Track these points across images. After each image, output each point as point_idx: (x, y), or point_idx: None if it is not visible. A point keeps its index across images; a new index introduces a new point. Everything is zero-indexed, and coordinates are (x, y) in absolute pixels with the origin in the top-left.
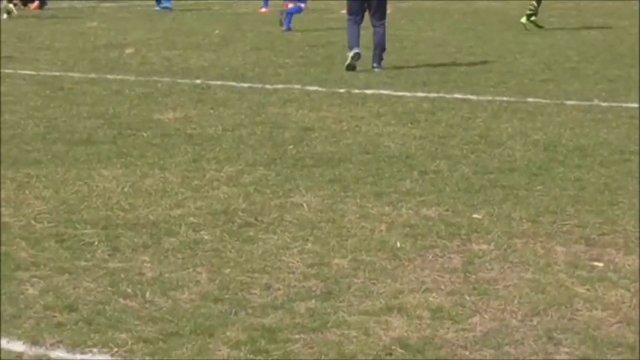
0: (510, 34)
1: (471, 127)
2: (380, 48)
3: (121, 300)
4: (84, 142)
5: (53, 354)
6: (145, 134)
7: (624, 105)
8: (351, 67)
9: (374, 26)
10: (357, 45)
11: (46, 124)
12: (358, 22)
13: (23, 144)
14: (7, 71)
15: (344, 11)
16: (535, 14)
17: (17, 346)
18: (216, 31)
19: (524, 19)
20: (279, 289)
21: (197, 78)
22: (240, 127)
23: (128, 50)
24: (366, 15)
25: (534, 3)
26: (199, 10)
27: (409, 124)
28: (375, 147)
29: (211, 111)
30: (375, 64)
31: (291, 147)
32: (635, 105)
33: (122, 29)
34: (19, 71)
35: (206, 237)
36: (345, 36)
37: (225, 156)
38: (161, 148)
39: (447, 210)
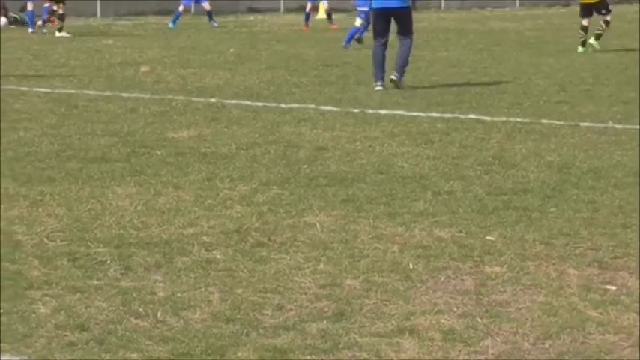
0: (525, 55)
1: (485, 148)
2: (403, 58)
3: (132, 319)
4: (98, 160)
5: None
6: (159, 152)
7: (638, 127)
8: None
9: (400, 40)
10: (382, 78)
11: (61, 141)
12: (384, 45)
13: (37, 161)
14: (22, 89)
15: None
16: (601, 35)
17: None
18: (231, 50)
19: (592, 41)
20: (290, 309)
21: (212, 96)
22: (254, 146)
23: (143, 68)
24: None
25: (602, 24)
26: (213, 29)
27: (423, 145)
28: (389, 167)
29: (225, 130)
30: (395, 74)
31: (305, 166)
32: None
33: (137, 47)
34: (34, 89)
35: (218, 256)
36: (356, 54)
37: (239, 175)
38: (175, 167)
39: (460, 231)
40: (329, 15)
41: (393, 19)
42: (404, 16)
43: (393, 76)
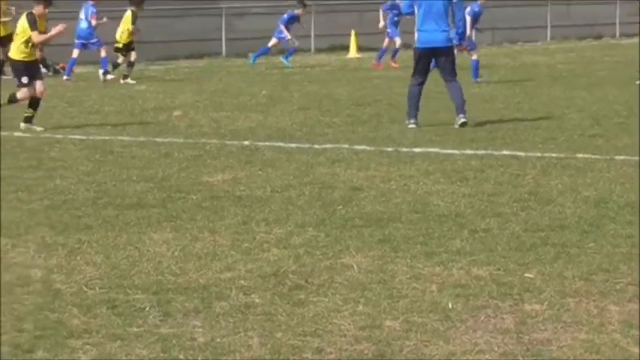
0: (558, 89)
1: (521, 184)
2: (459, 97)
3: None
4: (134, 206)
5: None
6: (194, 197)
7: None
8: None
9: (447, 81)
10: (416, 116)
11: (97, 188)
12: (422, 85)
13: (74, 209)
14: (57, 136)
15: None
16: None
17: None
18: (263, 92)
19: None
20: (330, 352)
21: (245, 139)
22: (288, 188)
23: (176, 113)
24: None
25: None
26: (246, 70)
27: (458, 182)
28: (425, 206)
29: (260, 172)
30: (459, 116)
31: (340, 207)
32: None
33: (170, 92)
34: (69, 136)
35: (257, 300)
36: (388, 92)
37: (275, 217)
38: (211, 211)
39: (499, 269)
40: (394, 52)
41: (435, 60)
42: (447, 54)
43: (462, 120)
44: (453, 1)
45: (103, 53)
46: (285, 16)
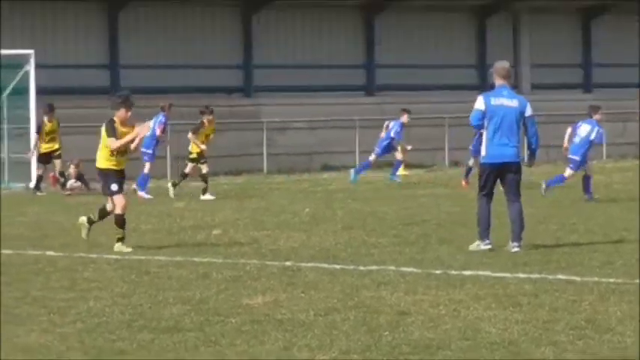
0: (616, 210)
1: (577, 311)
2: (519, 224)
3: None
4: (170, 330)
5: None
6: (233, 320)
7: None
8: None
9: (511, 201)
10: (488, 235)
11: (132, 311)
12: (490, 202)
13: (108, 333)
14: (92, 256)
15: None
16: None
17: None
18: (306, 210)
19: None
20: None
21: (287, 260)
22: (332, 311)
23: (215, 231)
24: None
25: None
26: (288, 188)
27: (510, 308)
28: (476, 332)
29: (302, 295)
30: (514, 243)
31: (387, 333)
32: None
33: (209, 209)
34: (104, 255)
35: None
36: (436, 212)
37: (318, 343)
38: (251, 335)
39: None
40: (468, 171)
41: (500, 178)
42: (516, 171)
43: (515, 249)
44: (526, 115)
45: (147, 169)
46: (397, 127)
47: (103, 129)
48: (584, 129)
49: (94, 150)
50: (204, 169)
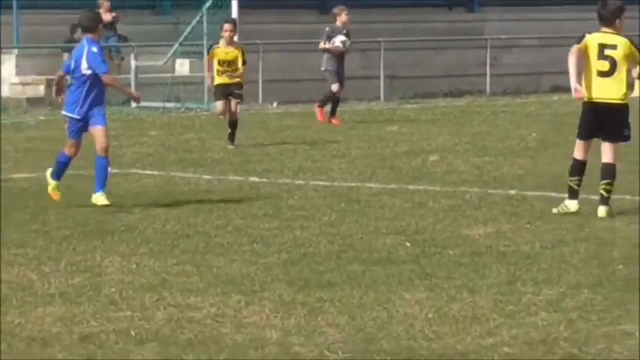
0: None
1: None
2: None
3: None
4: (383, 262)
5: None
6: (451, 252)
7: None
8: None
9: None
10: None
11: (341, 241)
12: None
13: (315, 264)
14: (298, 182)
15: None
16: None
17: None
18: (533, 134)
19: None
20: None
21: (511, 188)
22: (560, 243)
23: (432, 157)
24: None
25: None
26: (513, 111)
27: None
28: None
29: (527, 225)
30: None
31: (621, 267)
32: None
33: (425, 133)
34: (310, 182)
35: None
36: None
37: (544, 277)
38: (470, 269)
39: None
40: None
41: None
42: None
43: None
44: None
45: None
46: None
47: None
48: None
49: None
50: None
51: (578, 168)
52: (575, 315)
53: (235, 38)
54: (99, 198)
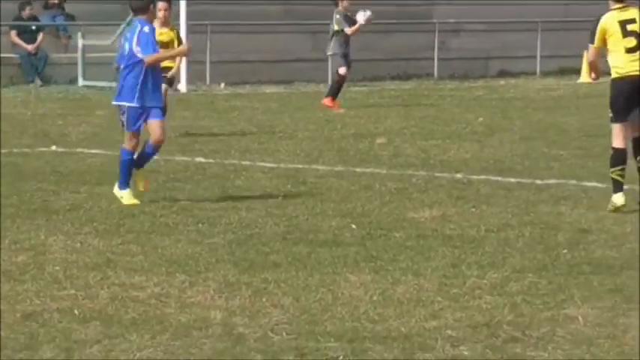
0: None
1: None
2: None
3: None
4: (328, 244)
5: None
6: (397, 235)
7: None
8: None
9: None
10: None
11: (286, 222)
12: None
13: (261, 245)
14: (244, 163)
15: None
16: None
17: None
18: (480, 119)
19: None
20: None
21: (457, 172)
22: (506, 227)
23: (379, 140)
24: None
25: None
26: (460, 95)
27: None
28: None
29: (473, 209)
30: None
31: (565, 251)
32: None
33: (373, 116)
34: (257, 163)
35: (466, 353)
36: None
37: (489, 260)
38: (415, 251)
39: None
40: None
41: None
42: None
43: None
44: None
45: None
46: None
47: None
48: None
49: None
50: None
51: (622, 157)
52: (519, 299)
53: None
54: (122, 193)
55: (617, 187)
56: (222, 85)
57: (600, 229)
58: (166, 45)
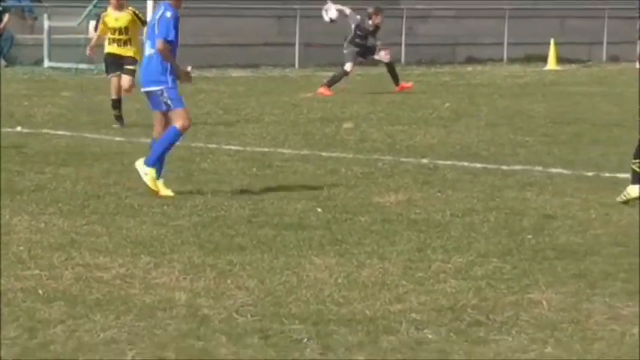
0: None
1: None
2: None
3: None
4: (294, 227)
5: None
6: (362, 219)
7: None
8: None
9: None
10: None
11: (252, 205)
12: None
13: (226, 227)
14: (210, 146)
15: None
16: None
17: None
18: (446, 105)
19: None
20: None
21: (423, 157)
22: (471, 212)
23: (346, 125)
24: None
25: None
26: (427, 81)
27: None
28: (628, 239)
29: (438, 194)
30: None
31: (530, 237)
32: None
33: (340, 101)
34: (223, 146)
35: (430, 336)
36: (591, 110)
37: (454, 245)
38: (381, 235)
39: None
40: None
41: None
42: None
43: None
44: None
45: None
46: None
47: None
48: None
49: None
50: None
51: None
52: (484, 283)
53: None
54: (147, 171)
55: (636, 178)
56: (189, 68)
57: (565, 215)
58: (122, 30)
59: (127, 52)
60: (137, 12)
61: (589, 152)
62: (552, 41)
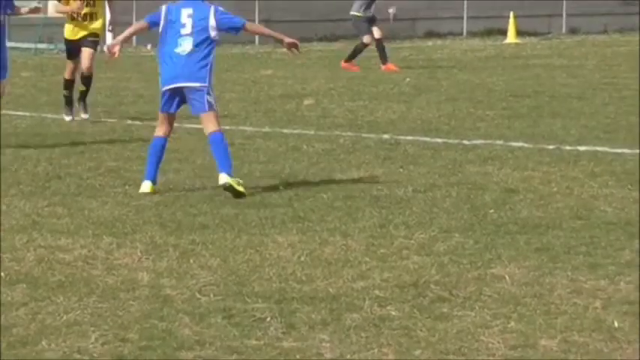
0: None
1: None
2: None
3: None
4: (256, 205)
5: None
6: (324, 196)
7: None
8: None
9: None
10: None
11: (214, 183)
12: None
13: (188, 206)
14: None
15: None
16: None
17: None
18: (407, 80)
19: None
20: None
21: (385, 132)
22: (433, 188)
23: (307, 101)
24: None
25: None
26: (387, 56)
27: (629, 186)
28: (590, 212)
29: (400, 170)
30: None
31: (492, 211)
32: None
33: (300, 77)
34: (184, 125)
35: (393, 313)
36: (549, 83)
37: (416, 221)
38: (343, 212)
39: None
40: None
41: None
42: None
43: None
44: None
45: None
46: None
47: None
48: None
49: None
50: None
51: None
52: (447, 259)
53: None
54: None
55: None
56: (149, 46)
57: (527, 188)
58: (93, 2)
59: (91, 25)
60: None
61: (549, 125)
62: (512, 14)
